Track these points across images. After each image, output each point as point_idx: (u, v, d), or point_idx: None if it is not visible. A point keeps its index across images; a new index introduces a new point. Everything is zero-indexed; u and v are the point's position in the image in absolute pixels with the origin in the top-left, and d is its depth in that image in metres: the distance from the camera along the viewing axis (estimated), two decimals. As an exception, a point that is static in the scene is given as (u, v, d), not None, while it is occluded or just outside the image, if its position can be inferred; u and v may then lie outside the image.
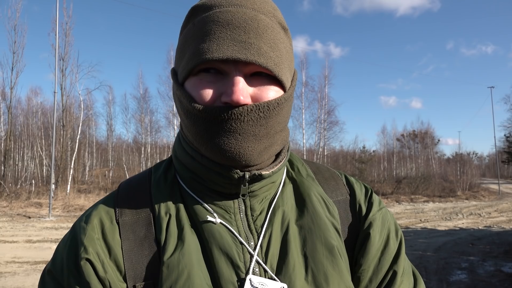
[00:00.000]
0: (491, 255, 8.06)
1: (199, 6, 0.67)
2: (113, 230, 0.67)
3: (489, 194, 26.69)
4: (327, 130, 27.22)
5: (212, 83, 0.63)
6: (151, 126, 29.12)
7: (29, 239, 9.24)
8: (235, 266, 0.63)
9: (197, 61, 0.62)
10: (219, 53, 0.60)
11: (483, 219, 14.23)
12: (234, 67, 0.62)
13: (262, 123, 0.63)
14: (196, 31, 0.64)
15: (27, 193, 18.78)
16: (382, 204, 0.80)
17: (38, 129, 25.84)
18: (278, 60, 0.64)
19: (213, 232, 0.65)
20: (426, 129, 41.16)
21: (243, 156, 0.62)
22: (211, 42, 0.61)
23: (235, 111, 0.61)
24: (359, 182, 0.83)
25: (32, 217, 13.53)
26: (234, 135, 0.61)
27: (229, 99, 0.60)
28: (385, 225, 0.76)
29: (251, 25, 0.62)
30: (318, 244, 0.68)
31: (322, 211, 0.73)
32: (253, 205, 0.70)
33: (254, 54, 0.60)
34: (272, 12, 0.67)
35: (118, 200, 0.71)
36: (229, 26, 0.61)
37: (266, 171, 0.68)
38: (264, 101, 0.63)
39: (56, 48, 16.31)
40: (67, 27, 21.26)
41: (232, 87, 0.61)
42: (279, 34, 0.66)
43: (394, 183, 27.44)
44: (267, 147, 0.66)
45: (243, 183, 0.66)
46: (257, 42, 0.61)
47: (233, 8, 0.63)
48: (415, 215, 15.38)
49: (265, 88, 0.64)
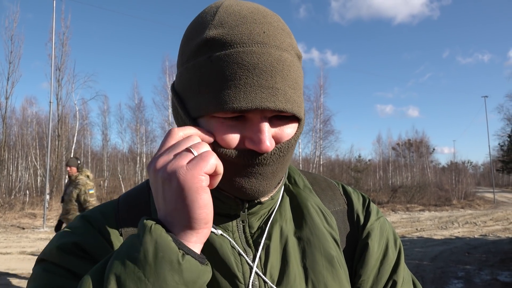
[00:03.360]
0: (487, 264, 8.06)
1: (216, 40, 0.59)
2: (113, 231, 0.68)
3: (484, 202, 26.74)
4: (322, 139, 27.37)
5: (235, 128, 0.61)
6: (146, 136, 29.12)
7: (23, 250, 9.13)
8: (233, 276, 0.64)
9: (222, 109, 0.58)
10: (248, 102, 0.57)
11: (478, 228, 14.24)
12: (260, 113, 0.60)
13: (280, 161, 0.63)
14: (217, 71, 0.58)
15: (21, 203, 18.61)
16: (380, 214, 0.80)
17: (32, 139, 25.70)
18: (299, 100, 0.62)
19: (213, 242, 0.65)
20: (421, 138, 41.41)
21: (261, 194, 0.64)
22: (237, 89, 0.57)
23: (261, 158, 0.60)
24: (356, 191, 0.84)
25: (26, 228, 13.38)
26: (255, 175, 0.62)
27: (257, 148, 0.59)
28: (383, 235, 0.77)
29: (276, 68, 0.58)
30: (318, 255, 0.69)
31: (320, 222, 0.73)
32: (251, 223, 0.71)
33: (282, 101, 0.58)
34: (291, 44, 0.63)
35: (119, 210, 0.72)
36: (255, 71, 0.57)
37: (265, 197, 0.68)
38: (284, 141, 0.63)
39: (53, 58, 16.30)
40: (64, 37, 21.34)
41: (259, 135, 0.59)
42: (298, 69, 0.63)
43: (390, 192, 27.44)
44: (280, 179, 0.67)
45: (242, 210, 0.67)
46: (283, 87, 0.59)
47: (257, 49, 0.58)
48: (411, 224, 15.37)
49: (285, 128, 0.63)
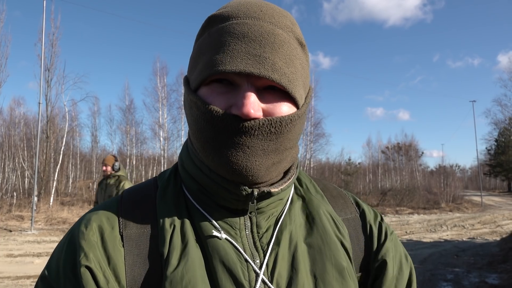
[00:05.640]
0: (475, 266, 8.15)
1: (215, 16, 0.66)
2: (114, 240, 0.64)
3: (472, 206, 27.05)
4: (313, 143, 27.41)
5: (223, 94, 0.62)
6: (136, 138, 28.92)
7: (10, 253, 8.97)
8: (239, 284, 0.61)
9: (209, 72, 0.61)
10: (232, 65, 0.59)
11: (467, 230, 14.41)
12: (246, 80, 0.61)
13: (272, 139, 0.61)
14: (211, 42, 0.63)
15: (8, 205, 18.31)
16: (391, 229, 0.79)
17: (20, 140, 25.30)
18: (292, 76, 0.62)
19: (218, 247, 0.63)
20: (410, 141, 41.84)
21: (250, 171, 0.61)
22: (225, 54, 0.60)
23: (246, 124, 0.59)
24: (366, 203, 0.83)
25: (13, 230, 13.16)
26: (242, 148, 0.60)
27: (239, 111, 0.59)
28: (398, 251, 0.76)
29: (267, 39, 0.60)
30: (328, 264, 0.67)
31: (331, 231, 0.71)
32: (259, 222, 0.69)
33: (268, 69, 0.59)
34: (290, 27, 0.65)
35: (121, 210, 0.69)
36: (244, 39, 0.60)
37: (275, 188, 0.66)
38: (277, 116, 0.62)
39: (42, 58, 16.05)
40: (53, 38, 21.07)
41: (243, 100, 0.59)
42: (295, 50, 0.64)
43: (380, 195, 27.60)
44: (275, 163, 0.64)
45: (251, 200, 0.65)
46: (272, 57, 0.60)
47: (250, 21, 0.62)
48: (401, 227, 15.49)
49: (278, 104, 0.63)
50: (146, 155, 30.68)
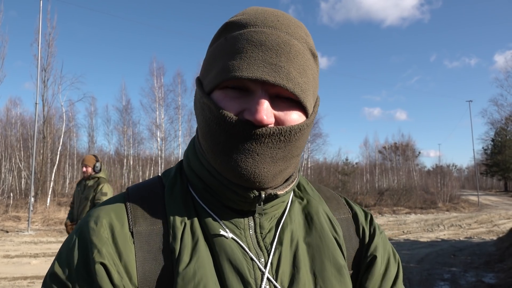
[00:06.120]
0: (472, 266, 8.19)
1: (233, 23, 0.67)
2: (125, 236, 0.65)
3: (469, 205, 27.17)
4: (310, 143, 27.46)
5: (236, 99, 0.63)
6: (133, 138, 28.90)
7: (7, 254, 8.95)
8: (246, 282, 0.63)
9: (225, 77, 0.62)
10: (249, 72, 0.60)
11: (463, 230, 14.47)
12: (261, 87, 0.62)
13: (281, 147, 0.63)
14: (228, 47, 0.64)
15: (4, 206, 18.23)
16: (381, 228, 0.82)
17: (17, 141, 25.23)
18: (305, 86, 0.64)
19: (225, 246, 0.65)
20: (407, 141, 41.95)
21: (257, 177, 0.63)
22: (242, 60, 0.61)
23: (257, 132, 0.61)
24: (357, 205, 0.86)
25: (10, 231, 13.11)
26: (252, 154, 0.62)
27: (252, 117, 0.60)
28: (386, 249, 0.79)
29: (283, 48, 0.62)
30: (327, 262, 0.69)
31: (329, 230, 0.74)
32: (262, 223, 0.71)
33: (283, 78, 0.61)
34: (304, 38, 0.67)
35: (130, 207, 0.69)
36: (261, 47, 0.62)
37: (280, 191, 0.69)
38: (287, 125, 0.63)
39: (39, 58, 16.03)
40: (50, 38, 21.02)
41: (256, 106, 0.61)
42: (308, 61, 0.66)
43: (377, 195, 27.68)
44: (282, 170, 0.66)
45: (258, 202, 0.67)
46: (287, 66, 0.62)
47: (267, 30, 0.63)
48: (398, 226, 15.53)
49: (289, 112, 0.65)
50: (143, 156, 30.70)
